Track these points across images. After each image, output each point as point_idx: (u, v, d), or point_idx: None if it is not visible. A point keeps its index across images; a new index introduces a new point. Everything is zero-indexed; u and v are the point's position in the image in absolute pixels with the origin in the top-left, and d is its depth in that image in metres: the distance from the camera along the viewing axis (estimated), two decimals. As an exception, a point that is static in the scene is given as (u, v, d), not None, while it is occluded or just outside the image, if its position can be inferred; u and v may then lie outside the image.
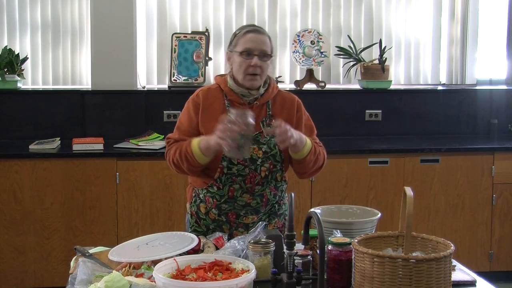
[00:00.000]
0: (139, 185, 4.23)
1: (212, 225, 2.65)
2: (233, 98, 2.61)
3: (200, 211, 2.68)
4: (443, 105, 5.09)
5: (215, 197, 2.62)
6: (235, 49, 2.59)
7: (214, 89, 2.66)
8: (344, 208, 2.60)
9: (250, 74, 2.56)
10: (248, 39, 2.56)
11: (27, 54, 4.84)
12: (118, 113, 4.74)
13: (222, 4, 5.03)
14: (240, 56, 2.56)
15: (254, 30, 2.60)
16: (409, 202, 1.88)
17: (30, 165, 4.15)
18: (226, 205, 2.61)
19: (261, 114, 2.62)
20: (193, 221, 2.70)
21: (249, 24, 2.71)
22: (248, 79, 2.57)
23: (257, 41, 2.56)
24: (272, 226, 2.67)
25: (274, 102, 2.67)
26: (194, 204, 2.70)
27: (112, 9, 4.68)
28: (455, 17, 5.29)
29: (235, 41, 2.60)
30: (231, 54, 2.62)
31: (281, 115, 2.63)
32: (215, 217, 2.64)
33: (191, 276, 1.99)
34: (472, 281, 2.21)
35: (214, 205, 2.63)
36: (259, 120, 2.60)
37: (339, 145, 4.65)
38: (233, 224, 2.63)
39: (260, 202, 2.61)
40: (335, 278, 2.06)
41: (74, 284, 2.09)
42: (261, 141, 2.60)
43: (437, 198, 4.50)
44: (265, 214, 2.66)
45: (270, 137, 2.59)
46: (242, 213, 2.62)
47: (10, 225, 4.17)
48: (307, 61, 5.01)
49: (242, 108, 2.52)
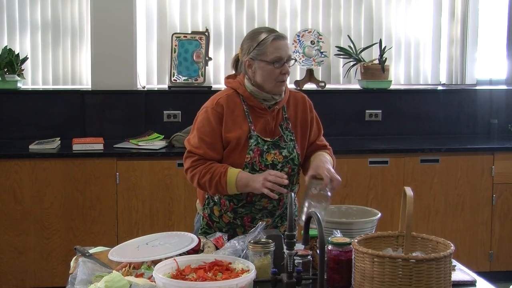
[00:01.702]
0: (139, 185, 4.23)
1: (225, 228, 2.63)
2: (253, 103, 2.57)
3: (213, 214, 2.65)
4: (443, 105, 5.09)
5: (233, 201, 2.59)
6: (262, 58, 2.52)
7: (232, 95, 2.59)
8: (344, 208, 2.61)
9: (280, 81, 2.54)
10: (277, 47, 2.51)
11: (27, 54, 4.84)
12: (118, 113, 4.74)
13: (222, 4, 5.03)
14: (270, 64, 2.51)
15: (279, 36, 2.54)
16: (409, 202, 1.88)
17: (30, 165, 4.15)
18: (243, 209, 2.59)
19: (278, 118, 2.61)
20: (204, 224, 2.68)
21: (268, 29, 2.60)
22: (278, 86, 2.55)
23: (284, 48, 2.53)
24: (284, 227, 2.65)
25: (288, 104, 2.66)
26: (207, 207, 2.67)
27: (112, 9, 4.68)
28: (455, 17, 5.29)
29: (261, 49, 2.52)
30: (253, 61, 2.54)
31: (295, 117, 2.64)
32: (230, 220, 2.62)
33: (191, 276, 1.99)
34: (472, 281, 2.21)
35: (230, 208, 2.60)
36: (278, 124, 2.60)
37: (339, 145, 4.65)
38: (247, 228, 2.59)
39: (276, 206, 2.61)
40: (335, 278, 2.06)
41: (74, 284, 2.09)
42: (281, 146, 2.58)
43: (437, 198, 4.50)
44: (278, 216, 2.65)
45: (289, 141, 2.59)
46: (258, 217, 2.60)
47: (10, 225, 4.17)
48: (307, 61, 5.01)
49: (319, 179, 2.49)
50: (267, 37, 2.52)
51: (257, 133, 2.56)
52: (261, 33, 2.56)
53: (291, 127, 2.62)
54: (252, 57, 2.54)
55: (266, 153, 2.54)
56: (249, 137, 2.54)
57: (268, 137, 2.57)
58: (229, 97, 2.58)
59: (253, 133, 2.55)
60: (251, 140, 2.54)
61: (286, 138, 2.59)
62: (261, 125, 2.57)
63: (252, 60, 2.55)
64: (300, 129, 2.65)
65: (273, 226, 2.63)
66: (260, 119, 2.58)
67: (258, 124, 2.57)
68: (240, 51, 2.63)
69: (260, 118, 2.58)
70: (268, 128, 2.58)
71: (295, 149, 2.60)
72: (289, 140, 2.59)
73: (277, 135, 2.58)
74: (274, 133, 2.59)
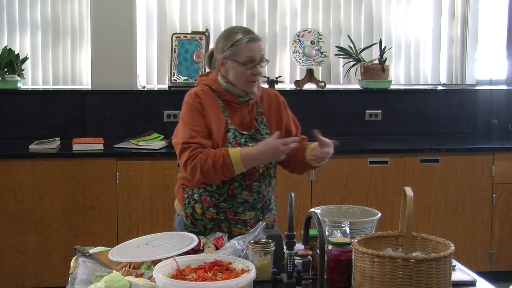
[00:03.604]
0: (139, 185, 4.23)
1: (209, 224, 2.65)
2: (228, 98, 2.63)
3: (196, 212, 2.66)
4: (443, 105, 5.09)
5: (214, 196, 2.62)
6: (235, 58, 2.58)
7: (206, 91, 2.64)
8: (344, 208, 2.61)
9: (251, 81, 2.60)
10: (250, 48, 2.57)
11: (27, 54, 4.84)
12: (118, 113, 4.74)
13: (222, 4, 5.03)
14: (242, 65, 2.57)
15: (253, 38, 2.60)
16: (409, 202, 1.88)
17: (30, 165, 4.15)
18: (225, 203, 2.62)
19: (253, 112, 2.67)
20: (188, 223, 2.69)
21: (243, 30, 2.66)
22: (249, 86, 2.61)
23: (258, 50, 2.59)
24: (266, 220, 2.70)
25: (261, 100, 2.73)
26: (188, 206, 2.68)
27: (112, 9, 4.68)
28: (455, 17, 5.29)
29: (235, 49, 2.57)
30: (226, 60, 2.60)
31: (269, 111, 2.71)
32: (213, 216, 2.64)
33: (191, 276, 1.99)
34: (472, 281, 2.21)
35: (212, 204, 2.62)
36: (253, 117, 2.66)
37: (339, 145, 4.65)
38: (231, 222, 2.63)
39: (257, 198, 2.65)
40: (335, 278, 2.06)
41: (74, 284, 2.09)
42: (258, 138, 2.64)
43: (437, 198, 4.50)
44: (260, 209, 2.69)
45: (265, 134, 2.65)
46: (240, 210, 2.63)
47: (10, 225, 4.17)
48: (307, 61, 5.01)
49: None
50: (242, 39, 2.58)
51: (234, 126, 2.61)
52: (237, 33, 2.61)
53: (265, 121, 2.69)
54: (225, 56, 2.61)
55: (244, 145, 2.59)
56: (227, 131, 2.59)
57: (245, 131, 2.64)
58: (204, 92, 2.64)
59: (231, 126, 2.60)
60: (229, 133, 2.59)
61: (262, 131, 2.66)
62: (238, 119, 2.63)
63: (225, 59, 2.61)
64: (275, 123, 2.71)
65: (256, 220, 2.66)
66: (236, 113, 2.64)
67: (234, 118, 2.63)
68: (215, 48, 2.69)
69: (236, 112, 2.64)
70: (244, 121, 2.65)
71: None
72: (264, 133, 2.66)
73: (253, 129, 2.65)
74: (250, 127, 2.66)
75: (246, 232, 2.53)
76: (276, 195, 2.69)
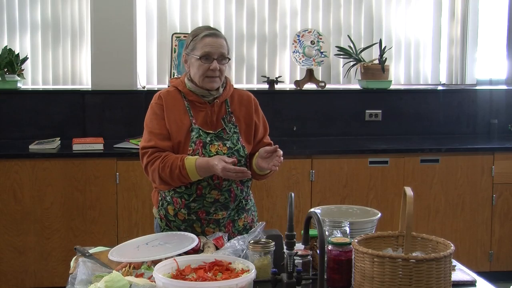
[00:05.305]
0: (139, 185, 4.23)
1: (182, 225, 2.67)
2: (193, 98, 2.67)
3: (168, 214, 2.69)
4: (443, 105, 5.09)
5: (183, 197, 2.64)
6: (193, 53, 2.63)
7: (172, 92, 2.70)
8: (344, 208, 2.61)
9: (209, 76, 2.62)
10: (207, 43, 2.61)
11: (27, 54, 4.84)
12: (118, 113, 4.74)
13: (222, 4, 5.03)
14: (199, 60, 2.61)
15: (211, 34, 2.64)
16: (409, 202, 1.88)
17: (30, 165, 4.15)
18: (195, 203, 2.63)
19: (221, 112, 2.70)
20: (163, 225, 2.71)
21: (205, 27, 2.73)
22: (207, 81, 2.63)
23: (215, 45, 2.62)
24: (242, 221, 2.71)
25: (232, 100, 2.75)
26: (161, 208, 2.71)
27: (112, 9, 4.68)
28: (455, 17, 5.29)
29: (193, 45, 2.64)
30: (188, 57, 2.67)
31: (240, 112, 2.73)
32: (185, 217, 2.66)
33: (191, 276, 1.99)
34: (472, 281, 2.21)
35: (182, 205, 2.64)
36: (220, 117, 2.69)
37: (339, 145, 4.66)
38: (204, 222, 2.65)
39: (228, 198, 2.65)
40: (335, 278, 2.06)
41: (74, 284, 2.09)
42: (224, 137, 2.66)
43: (437, 198, 4.50)
44: (234, 209, 2.69)
45: (233, 133, 2.67)
46: (211, 210, 2.64)
47: (10, 225, 4.17)
48: (307, 61, 5.01)
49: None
50: (201, 34, 2.63)
51: (199, 126, 2.64)
52: (201, 30, 2.67)
53: (234, 120, 2.70)
54: (187, 52, 2.68)
55: (209, 144, 2.62)
56: (191, 130, 2.63)
57: (210, 130, 2.66)
58: (169, 93, 2.70)
59: (195, 126, 2.63)
60: (193, 133, 2.62)
61: (229, 130, 2.67)
62: (202, 119, 2.66)
63: (187, 55, 2.68)
64: (244, 123, 2.73)
65: (230, 220, 2.67)
66: (201, 112, 2.67)
67: (199, 118, 2.66)
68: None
69: (200, 112, 2.67)
70: (209, 121, 2.67)
71: (239, 141, 2.67)
72: (232, 132, 2.67)
73: (219, 128, 2.67)
74: (216, 126, 2.67)
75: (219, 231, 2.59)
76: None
